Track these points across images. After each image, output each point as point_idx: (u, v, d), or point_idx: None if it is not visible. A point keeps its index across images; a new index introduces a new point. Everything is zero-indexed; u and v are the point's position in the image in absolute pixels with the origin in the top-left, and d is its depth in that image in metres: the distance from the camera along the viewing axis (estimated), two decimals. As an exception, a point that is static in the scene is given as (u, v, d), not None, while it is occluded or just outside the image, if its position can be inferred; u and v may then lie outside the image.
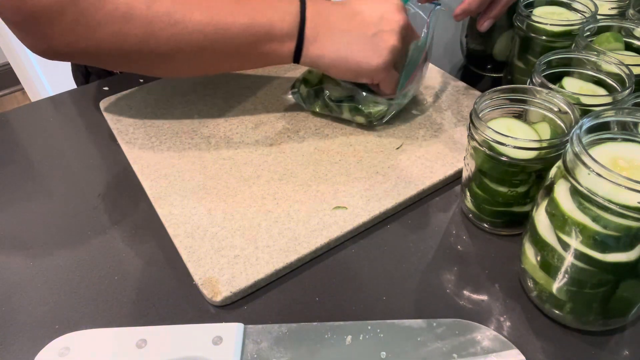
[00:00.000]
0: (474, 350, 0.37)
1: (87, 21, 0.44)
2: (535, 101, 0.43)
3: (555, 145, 0.39)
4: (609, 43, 0.50)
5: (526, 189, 0.42)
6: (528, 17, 0.54)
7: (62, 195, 0.52)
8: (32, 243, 0.47)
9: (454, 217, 0.48)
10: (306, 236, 0.45)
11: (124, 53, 0.47)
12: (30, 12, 0.43)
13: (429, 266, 0.44)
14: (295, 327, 0.39)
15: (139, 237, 0.47)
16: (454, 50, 0.72)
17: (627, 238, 0.32)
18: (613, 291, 0.35)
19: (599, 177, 0.30)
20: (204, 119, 0.59)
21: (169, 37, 0.46)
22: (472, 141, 0.42)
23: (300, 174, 0.51)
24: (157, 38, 0.46)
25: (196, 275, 0.42)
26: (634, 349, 0.37)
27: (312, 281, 0.43)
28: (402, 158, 0.53)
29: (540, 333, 0.38)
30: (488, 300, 0.41)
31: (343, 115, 0.57)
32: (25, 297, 0.42)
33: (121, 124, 0.59)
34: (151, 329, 0.39)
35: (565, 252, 0.34)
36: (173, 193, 0.50)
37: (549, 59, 0.46)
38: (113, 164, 0.55)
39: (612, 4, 0.58)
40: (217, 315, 0.41)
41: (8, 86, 2.24)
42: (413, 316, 0.40)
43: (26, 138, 0.61)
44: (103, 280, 0.43)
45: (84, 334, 0.39)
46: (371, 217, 0.47)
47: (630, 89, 0.42)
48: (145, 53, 0.47)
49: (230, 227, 0.46)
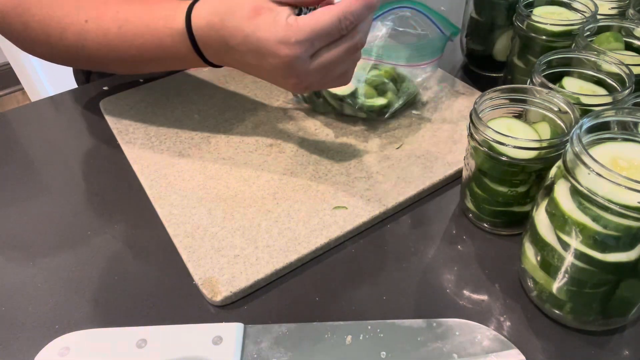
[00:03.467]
0: (474, 350, 0.37)
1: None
2: (535, 101, 0.43)
3: (555, 145, 0.39)
4: (609, 43, 0.50)
5: (526, 189, 0.42)
6: (528, 17, 0.54)
7: (62, 196, 0.52)
8: (32, 243, 0.47)
9: (454, 217, 0.48)
10: (306, 236, 0.45)
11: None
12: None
13: (429, 266, 0.44)
14: (295, 327, 0.39)
15: (139, 237, 0.47)
16: (454, 50, 0.72)
17: (627, 238, 0.32)
18: (613, 291, 0.35)
19: (599, 177, 0.30)
20: (204, 119, 0.59)
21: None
22: (472, 141, 0.42)
23: (300, 174, 0.51)
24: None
25: (196, 275, 0.42)
26: (634, 349, 0.37)
27: (312, 281, 0.43)
28: (402, 158, 0.53)
29: (540, 333, 0.38)
30: (488, 300, 0.41)
31: (345, 111, 0.57)
32: (25, 297, 0.42)
33: (121, 124, 0.59)
34: (151, 329, 0.39)
35: (565, 252, 0.34)
36: (173, 193, 0.50)
37: (549, 59, 0.46)
38: (113, 164, 0.55)
39: (612, 3, 0.57)
40: (217, 315, 0.41)
41: (8, 86, 2.24)
42: (413, 316, 0.40)
43: (26, 138, 0.61)
44: (103, 280, 0.43)
45: (84, 334, 0.39)
46: (371, 217, 0.47)
47: (630, 88, 0.42)
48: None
49: (230, 227, 0.46)
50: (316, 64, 0.41)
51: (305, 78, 0.42)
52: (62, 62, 0.56)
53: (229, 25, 0.42)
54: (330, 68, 0.42)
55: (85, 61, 0.53)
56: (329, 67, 0.42)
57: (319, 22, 0.39)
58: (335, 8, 0.40)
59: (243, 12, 0.41)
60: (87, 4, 0.48)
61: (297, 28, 0.39)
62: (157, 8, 0.47)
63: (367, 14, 0.41)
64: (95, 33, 0.48)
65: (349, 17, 0.40)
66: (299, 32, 0.39)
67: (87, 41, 0.49)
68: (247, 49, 0.42)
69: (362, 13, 0.40)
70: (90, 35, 0.48)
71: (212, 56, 0.46)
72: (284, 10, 0.40)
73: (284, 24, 0.40)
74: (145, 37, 0.47)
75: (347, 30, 0.41)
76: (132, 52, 0.48)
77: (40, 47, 0.52)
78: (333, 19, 0.39)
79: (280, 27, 0.40)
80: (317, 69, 0.42)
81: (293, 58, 0.40)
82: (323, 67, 0.42)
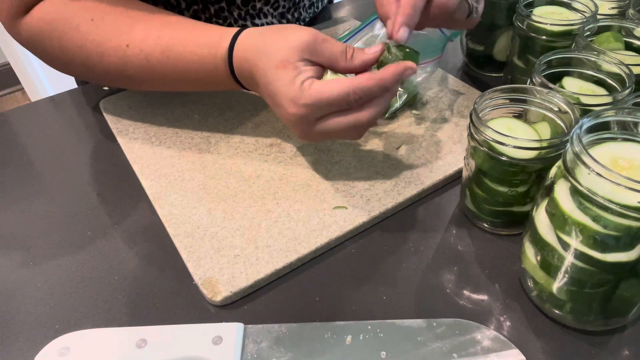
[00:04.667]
0: (474, 350, 0.37)
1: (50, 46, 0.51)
2: (535, 101, 0.43)
3: (555, 145, 0.39)
4: (609, 43, 0.50)
5: (526, 189, 0.42)
6: (528, 17, 0.54)
7: (62, 195, 0.52)
8: (32, 243, 0.47)
9: (454, 217, 0.48)
10: (306, 236, 0.45)
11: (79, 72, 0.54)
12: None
13: (429, 266, 0.44)
14: (295, 327, 0.39)
15: (139, 237, 0.47)
16: (454, 50, 0.72)
17: (627, 238, 0.32)
18: (613, 291, 0.35)
19: (599, 177, 0.30)
20: (204, 119, 0.59)
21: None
22: (472, 141, 0.42)
23: (300, 174, 0.51)
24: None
25: (196, 275, 0.42)
26: (634, 349, 0.37)
27: (312, 281, 0.43)
28: (402, 158, 0.53)
29: (540, 333, 0.38)
30: (488, 300, 0.41)
31: None
32: (25, 297, 0.42)
33: (121, 124, 0.59)
34: (151, 329, 0.39)
35: (565, 252, 0.34)
36: (173, 193, 0.50)
37: (549, 58, 0.46)
38: (113, 164, 0.55)
39: (612, 3, 0.58)
40: (217, 315, 0.41)
41: (8, 86, 2.24)
42: (413, 316, 0.40)
43: (26, 138, 0.61)
44: (103, 280, 0.43)
45: (84, 334, 0.39)
46: (371, 217, 0.47)
47: (630, 88, 0.42)
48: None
49: (230, 227, 0.46)
50: (320, 127, 0.43)
51: (307, 134, 0.45)
52: (99, 82, 0.58)
53: (259, 66, 0.44)
54: (332, 133, 0.44)
55: (125, 82, 0.54)
56: (332, 132, 0.44)
57: (329, 92, 0.41)
58: (348, 81, 0.41)
59: (273, 60, 0.43)
60: (128, 28, 0.49)
61: (307, 92, 0.42)
62: (199, 34, 0.48)
63: (378, 92, 0.42)
64: (137, 57, 0.49)
65: (359, 92, 0.41)
66: (308, 97, 0.41)
67: (129, 64, 0.50)
68: (266, 92, 0.45)
69: (373, 91, 0.42)
70: (132, 59, 0.49)
71: (247, 85, 0.49)
72: (307, 72, 0.42)
73: (298, 85, 0.42)
74: (188, 63, 0.49)
75: (355, 104, 0.42)
76: (174, 76, 0.50)
77: (77, 68, 0.53)
78: (343, 91, 0.41)
79: (295, 87, 0.42)
80: (321, 132, 0.44)
81: (298, 117, 0.43)
82: (326, 131, 0.44)
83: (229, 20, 0.67)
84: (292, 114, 0.43)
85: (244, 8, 0.67)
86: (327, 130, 0.43)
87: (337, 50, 0.43)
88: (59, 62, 0.53)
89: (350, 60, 0.43)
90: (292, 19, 0.74)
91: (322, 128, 0.43)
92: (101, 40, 0.49)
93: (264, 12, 0.69)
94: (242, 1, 0.66)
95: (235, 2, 0.65)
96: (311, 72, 0.43)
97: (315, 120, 0.43)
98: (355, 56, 0.44)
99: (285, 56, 0.42)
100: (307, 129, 0.44)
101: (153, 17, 0.50)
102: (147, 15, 0.50)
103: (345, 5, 0.87)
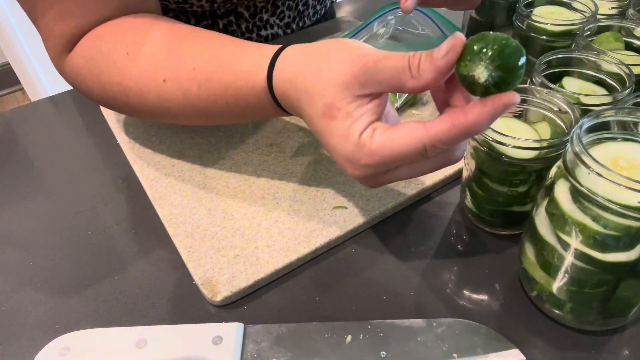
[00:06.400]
0: (474, 350, 0.37)
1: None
2: (535, 101, 0.43)
3: (555, 145, 0.39)
4: (609, 43, 0.50)
5: (526, 189, 0.42)
6: (528, 16, 0.54)
7: (62, 195, 0.52)
8: (32, 243, 0.47)
9: (454, 217, 0.48)
10: (306, 236, 0.45)
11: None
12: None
13: (429, 266, 0.44)
14: (295, 327, 0.39)
15: (139, 237, 0.47)
16: (454, 50, 0.72)
17: (627, 238, 0.31)
18: (613, 291, 0.34)
19: (599, 177, 0.30)
20: (204, 119, 0.59)
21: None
22: (472, 141, 0.42)
23: (300, 174, 0.51)
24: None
25: (196, 275, 0.42)
26: (634, 349, 0.37)
27: (312, 281, 0.43)
28: (402, 158, 0.53)
29: (540, 333, 0.38)
30: (488, 300, 0.41)
31: None
32: (25, 297, 0.42)
33: (121, 124, 0.59)
34: (151, 329, 0.39)
35: (565, 252, 0.34)
36: (173, 193, 0.50)
37: (549, 58, 0.46)
38: (113, 164, 0.55)
39: (612, 3, 0.57)
40: (217, 315, 0.41)
41: (8, 86, 2.24)
42: (413, 316, 0.40)
43: (26, 138, 0.61)
44: (103, 280, 0.43)
45: (84, 334, 0.39)
46: (371, 217, 0.47)
47: (630, 88, 0.42)
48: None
49: (230, 227, 0.46)
50: (388, 178, 0.36)
51: (369, 185, 0.38)
52: (146, 119, 0.56)
53: (305, 110, 0.37)
54: (405, 178, 0.37)
55: (170, 119, 0.49)
56: (404, 178, 0.37)
57: (397, 147, 0.32)
58: (421, 132, 0.32)
59: (317, 107, 0.35)
60: (162, 59, 0.44)
61: (369, 151, 0.33)
62: (235, 62, 0.42)
63: (464, 139, 0.32)
64: (175, 94, 0.44)
65: (438, 145, 0.32)
66: (369, 156, 0.33)
67: (169, 102, 0.45)
68: (320, 140, 0.38)
69: (455, 140, 0.32)
70: (171, 96, 0.45)
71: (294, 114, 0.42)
72: (363, 117, 0.34)
73: (355, 141, 0.33)
74: (228, 98, 0.43)
75: (435, 154, 0.33)
76: (215, 111, 0.44)
77: (121, 107, 0.49)
78: (416, 145, 0.32)
79: (351, 144, 0.33)
80: (389, 180, 0.37)
81: (358, 177, 0.36)
82: (396, 178, 0.36)
83: (236, 34, 0.67)
84: (350, 173, 0.36)
85: (251, 20, 0.67)
86: (397, 177, 0.36)
87: (396, 68, 0.32)
88: (103, 99, 0.49)
89: (418, 76, 0.32)
90: (297, 28, 0.74)
91: (390, 179, 0.36)
92: (138, 75, 0.45)
93: (270, 23, 0.70)
94: (249, 14, 0.66)
95: (243, 15, 0.65)
96: (369, 115, 0.34)
97: (382, 173, 0.36)
98: (424, 67, 0.32)
99: (331, 99, 0.34)
100: (372, 183, 0.37)
101: (184, 43, 0.44)
102: (180, 41, 0.45)
103: (346, 5, 0.87)
